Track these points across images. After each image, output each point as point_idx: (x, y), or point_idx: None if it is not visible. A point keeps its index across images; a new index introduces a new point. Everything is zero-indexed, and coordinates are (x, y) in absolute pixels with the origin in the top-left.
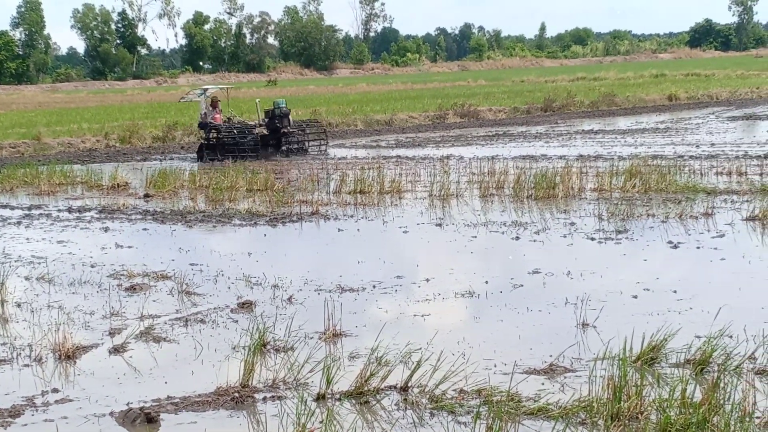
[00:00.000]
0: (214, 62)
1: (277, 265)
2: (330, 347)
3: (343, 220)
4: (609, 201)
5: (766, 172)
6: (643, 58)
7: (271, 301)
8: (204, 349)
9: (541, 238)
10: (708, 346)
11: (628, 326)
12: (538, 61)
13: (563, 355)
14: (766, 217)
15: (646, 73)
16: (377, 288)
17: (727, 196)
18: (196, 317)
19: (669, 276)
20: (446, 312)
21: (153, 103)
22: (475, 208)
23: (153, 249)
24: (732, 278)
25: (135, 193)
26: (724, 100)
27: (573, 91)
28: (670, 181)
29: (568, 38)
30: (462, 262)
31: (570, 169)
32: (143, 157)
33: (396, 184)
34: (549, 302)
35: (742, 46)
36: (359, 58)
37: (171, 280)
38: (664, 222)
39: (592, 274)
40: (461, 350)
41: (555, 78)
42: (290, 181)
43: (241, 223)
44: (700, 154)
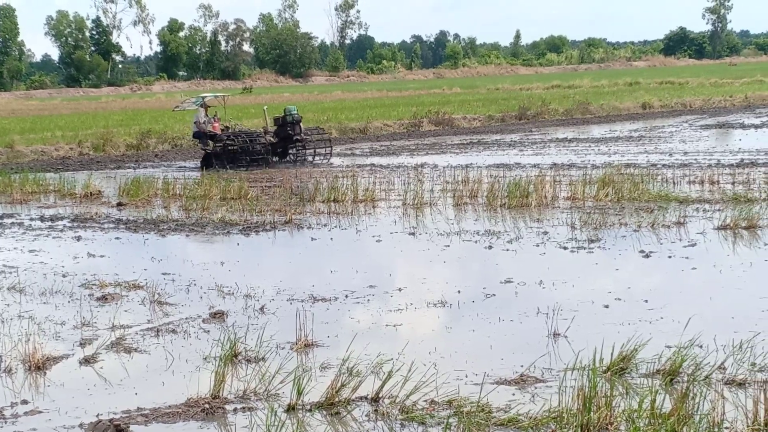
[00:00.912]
0: (189, 69)
1: (250, 275)
2: (301, 357)
3: (317, 229)
4: (582, 210)
5: (738, 180)
6: (617, 65)
7: (243, 311)
8: (175, 359)
9: (513, 248)
10: (678, 356)
11: (599, 336)
12: (513, 68)
13: (534, 365)
14: (738, 226)
15: (620, 81)
16: (350, 298)
17: (699, 205)
18: (168, 327)
19: (640, 285)
20: (418, 322)
21: (127, 110)
22: (449, 217)
23: (125, 258)
24: (703, 288)
25: (108, 201)
26: (697, 108)
27: (547, 99)
28: (643, 189)
29: (543, 46)
30: (435, 271)
31: (543, 178)
32: (117, 165)
33: (370, 192)
34: (521, 312)
35: (717, 54)
36: (335, 66)
37: (143, 289)
38: (636, 231)
39: (564, 284)
40: (433, 360)
41: (530, 86)
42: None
43: (214, 232)
44: (673, 162)
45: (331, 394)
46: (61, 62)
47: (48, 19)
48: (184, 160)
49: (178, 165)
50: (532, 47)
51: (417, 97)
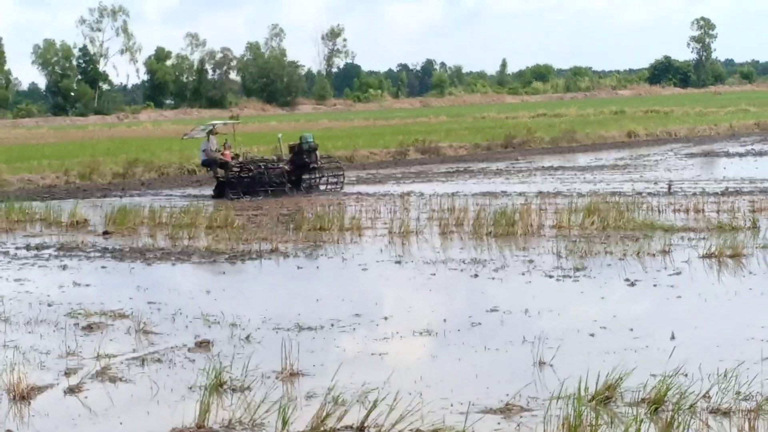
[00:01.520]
0: (176, 98)
1: (236, 304)
2: (287, 387)
3: (303, 258)
4: (567, 238)
5: (723, 209)
6: (603, 94)
7: (228, 340)
8: (160, 389)
9: (499, 276)
10: (663, 385)
11: (584, 365)
12: (499, 97)
13: (519, 394)
14: (723, 255)
15: (606, 109)
16: (335, 326)
17: (684, 233)
18: (153, 356)
19: (626, 314)
20: (404, 350)
21: (114, 139)
22: (435, 245)
23: (111, 287)
24: (688, 316)
25: (94, 230)
26: (682, 137)
27: (533, 128)
28: (628, 218)
29: (529, 74)
30: (421, 299)
31: (529, 206)
32: (103, 193)
33: (356, 221)
34: (506, 340)
35: (701, 82)
36: (321, 94)
37: (128, 318)
38: (621, 259)
39: (549, 312)
40: (418, 389)
41: (516, 114)
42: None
43: (200, 260)
44: (658, 191)
45: (316, 423)
46: (47, 91)
47: (35, 47)
48: (171, 189)
49: (165, 193)
50: (518, 76)
51: (403, 125)
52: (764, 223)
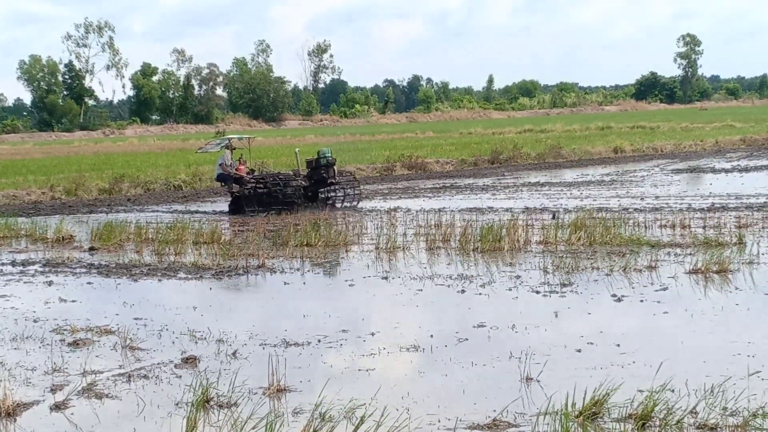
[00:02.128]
0: (162, 113)
1: (222, 319)
2: (274, 403)
3: (290, 273)
4: (554, 254)
5: (709, 224)
6: (589, 110)
7: (215, 356)
8: (147, 405)
9: (486, 291)
10: (650, 400)
11: (571, 380)
12: (485, 112)
13: (507, 410)
14: (709, 271)
15: (592, 125)
16: (322, 342)
17: (671, 249)
18: (140, 373)
19: (612, 329)
20: (391, 366)
21: (100, 154)
22: (422, 261)
23: (97, 303)
24: (674, 332)
25: (80, 246)
26: (668, 152)
27: (520, 143)
28: (615, 234)
29: (516, 90)
30: (408, 315)
31: (516, 222)
32: (89, 209)
33: (343, 236)
34: (493, 356)
35: (687, 98)
36: (308, 110)
37: (115, 334)
38: (608, 275)
39: (536, 328)
40: (405, 405)
41: (502, 130)
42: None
43: (186, 276)
44: (644, 206)
45: None
46: (33, 106)
47: (21, 63)
48: (157, 204)
49: (151, 209)
50: (505, 91)
51: (390, 141)
52: (750, 238)
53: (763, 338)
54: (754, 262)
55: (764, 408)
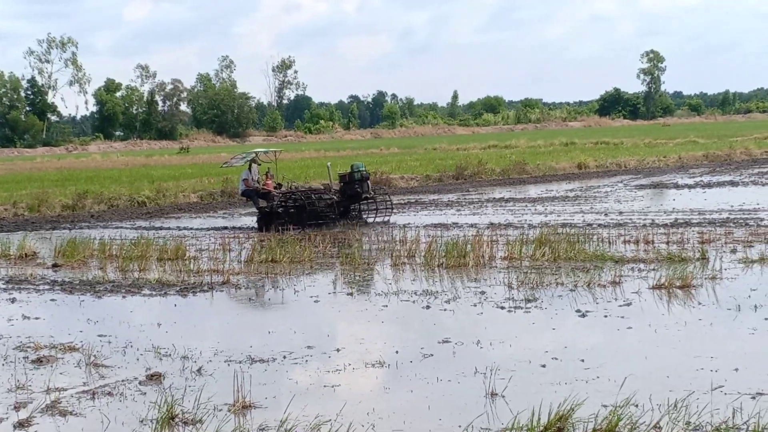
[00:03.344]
0: (125, 129)
1: (187, 336)
2: (239, 419)
3: (254, 290)
4: (519, 269)
5: (672, 240)
6: (553, 126)
7: (180, 373)
8: (111, 422)
9: (451, 307)
10: (614, 415)
11: (536, 396)
12: (450, 128)
13: (472, 425)
14: (672, 286)
15: (556, 141)
16: (288, 358)
17: (635, 264)
18: (104, 390)
19: (577, 345)
20: (356, 382)
21: (63, 170)
22: (387, 277)
23: (61, 320)
24: (638, 347)
25: (43, 262)
26: (632, 168)
27: (484, 159)
28: (579, 249)
29: (480, 106)
30: (373, 331)
31: (481, 238)
32: (52, 225)
33: (308, 252)
34: (458, 372)
35: (650, 114)
36: (272, 126)
37: (79, 351)
38: (572, 290)
39: (501, 343)
40: (371, 421)
41: (467, 146)
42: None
43: (151, 293)
44: (608, 222)
45: None
46: None
47: None
48: (121, 221)
49: (115, 225)
50: (469, 107)
51: (355, 156)
52: (713, 254)
53: (726, 353)
54: (716, 278)
55: (727, 422)
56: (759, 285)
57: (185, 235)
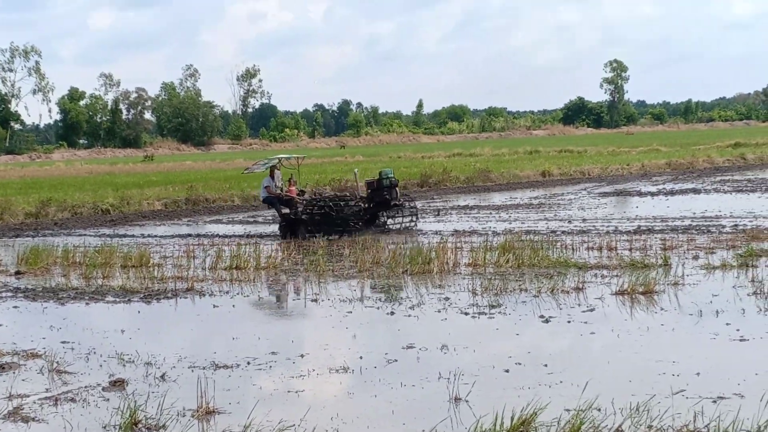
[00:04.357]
0: (90, 137)
1: (151, 342)
2: (203, 425)
3: (219, 296)
4: (483, 276)
5: (635, 247)
6: (518, 134)
7: (143, 379)
8: (74, 428)
9: (415, 313)
10: (577, 419)
11: (499, 400)
12: (415, 137)
13: (435, 430)
14: (635, 292)
15: (520, 149)
16: (251, 364)
17: (598, 270)
18: (67, 396)
19: (540, 350)
20: (320, 388)
21: (26, 179)
22: (352, 283)
23: (23, 327)
24: (601, 352)
25: (6, 270)
26: (595, 176)
27: (449, 167)
28: (543, 256)
29: (445, 115)
30: (337, 337)
31: (445, 245)
32: (15, 233)
33: (272, 259)
34: (422, 377)
35: (614, 123)
36: (237, 134)
37: (41, 358)
38: (536, 296)
39: (465, 349)
40: (335, 426)
41: (431, 154)
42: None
43: (114, 299)
44: (572, 229)
45: None
46: None
47: None
48: (85, 228)
49: (79, 233)
50: (434, 116)
51: (320, 164)
52: (675, 260)
53: (688, 357)
54: (678, 284)
55: (689, 426)
56: (720, 291)
57: (149, 242)
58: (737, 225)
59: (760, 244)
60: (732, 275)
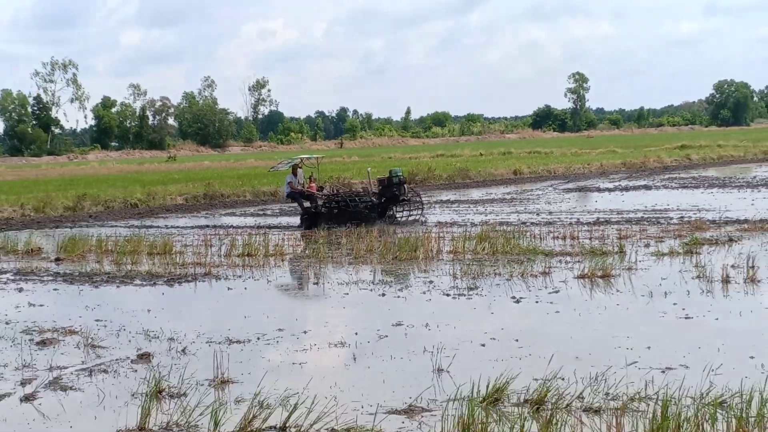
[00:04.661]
0: (120, 140)
1: (174, 320)
2: (218, 393)
3: (233, 280)
4: (462, 262)
5: (594, 236)
6: (493, 137)
7: (167, 353)
8: (106, 396)
9: (403, 295)
10: (543, 387)
11: (476, 371)
12: (403, 140)
13: (421, 397)
14: (594, 276)
15: (495, 150)
16: (261, 339)
17: (562, 257)
18: (100, 368)
19: (512, 327)
20: (321, 360)
21: (65, 176)
22: (348, 269)
23: (62, 307)
24: (565, 328)
25: (47, 257)
26: (560, 174)
27: (433, 166)
28: (515, 244)
29: (430, 120)
30: (336, 316)
31: (430, 234)
32: (55, 224)
33: (279, 247)
34: (410, 351)
35: (577, 128)
36: (249, 137)
37: (78, 334)
38: (508, 280)
39: (447, 326)
40: (333, 394)
41: (418, 155)
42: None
43: (141, 283)
44: (540, 221)
45: (244, 424)
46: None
47: None
48: (116, 220)
49: (110, 224)
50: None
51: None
52: (629, 248)
53: (640, 333)
54: (632, 268)
55: (640, 393)
56: (668, 275)
57: (172, 232)
58: (683, 217)
59: (702, 234)
60: (679, 261)
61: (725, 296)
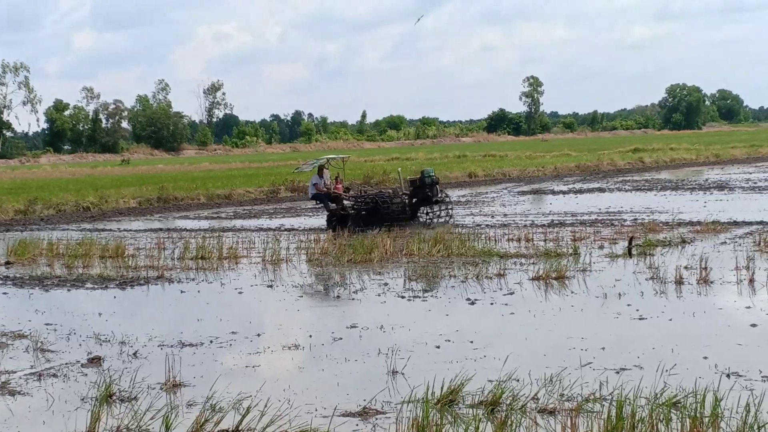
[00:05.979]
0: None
1: (125, 324)
2: (170, 396)
3: (186, 283)
4: (417, 264)
5: (549, 238)
6: (448, 141)
7: (118, 356)
8: (55, 400)
9: (358, 297)
10: (498, 389)
11: (431, 373)
12: (359, 143)
13: (375, 399)
14: (549, 277)
15: (450, 154)
16: (214, 343)
17: (517, 259)
18: (49, 372)
19: (467, 329)
20: (274, 363)
21: (16, 180)
22: (302, 271)
23: (11, 311)
24: (520, 330)
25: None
26: (515, 177)
27: (388, 170)
28: (469, 246)
29: (385, 124)
30: (290, 318)
31: (384, 237)
32: (6, 228)
33: (233, 250)
34: (364, 353)
35: (531, 131)
36: (203, 141)
37: (27, 338)
38: (463, 282)
39: (401, 328)
40: (287, 397)
41: (373, 158)
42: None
43: (93, 286)
44: (494, 223)
45: (196, 428)
46: None
47: None
48: (68, 224)
49: (62, 228)
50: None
51: (275, 167)
52: (583, 250)
53: (594, 335)
54: (586, 270)
55: (595, 394)
56: (622, 276)
57: (125, 236)
58: (636, 219)
59: (656, 236)
60: (632, 263)
61: (679, 297)
